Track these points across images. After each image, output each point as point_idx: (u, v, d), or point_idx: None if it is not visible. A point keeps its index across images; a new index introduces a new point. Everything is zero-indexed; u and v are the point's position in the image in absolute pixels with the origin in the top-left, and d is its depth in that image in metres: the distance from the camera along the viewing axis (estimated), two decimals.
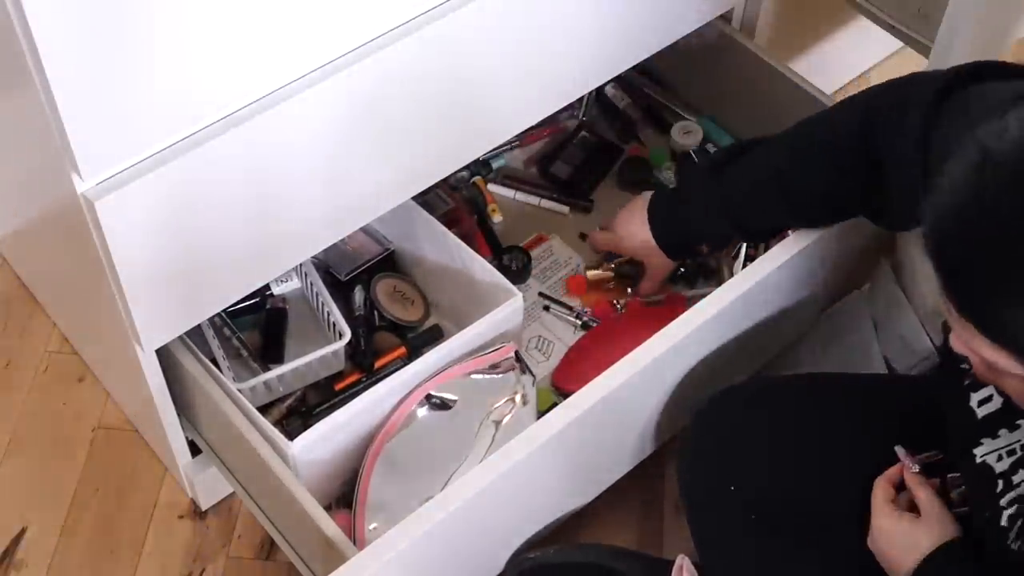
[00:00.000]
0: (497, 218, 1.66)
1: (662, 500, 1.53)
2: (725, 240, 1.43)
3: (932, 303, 1.37)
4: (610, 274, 1.57)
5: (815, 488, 1.19)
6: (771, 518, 1.19)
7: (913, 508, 1.12)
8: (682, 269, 1.57)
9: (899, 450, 1.15)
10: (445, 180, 1.47)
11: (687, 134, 1.71)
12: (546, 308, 1.57)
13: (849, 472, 1.19)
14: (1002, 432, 1.03)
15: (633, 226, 1.44)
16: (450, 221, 1.62)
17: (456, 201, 1.65)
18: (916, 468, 1.13)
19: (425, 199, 1.64)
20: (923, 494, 1.11)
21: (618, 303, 1.56)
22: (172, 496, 1.53)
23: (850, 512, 1.17)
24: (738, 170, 1.31)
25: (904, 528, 1.09)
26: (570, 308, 1.57)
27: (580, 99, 1.78)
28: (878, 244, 1.49)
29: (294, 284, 1.54)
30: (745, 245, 1.51)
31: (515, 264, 1.58)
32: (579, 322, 1.56)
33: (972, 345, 0.88)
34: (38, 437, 1.59)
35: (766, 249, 1.40)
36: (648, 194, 1.45)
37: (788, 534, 1.19)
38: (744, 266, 1.46)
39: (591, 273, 1.58)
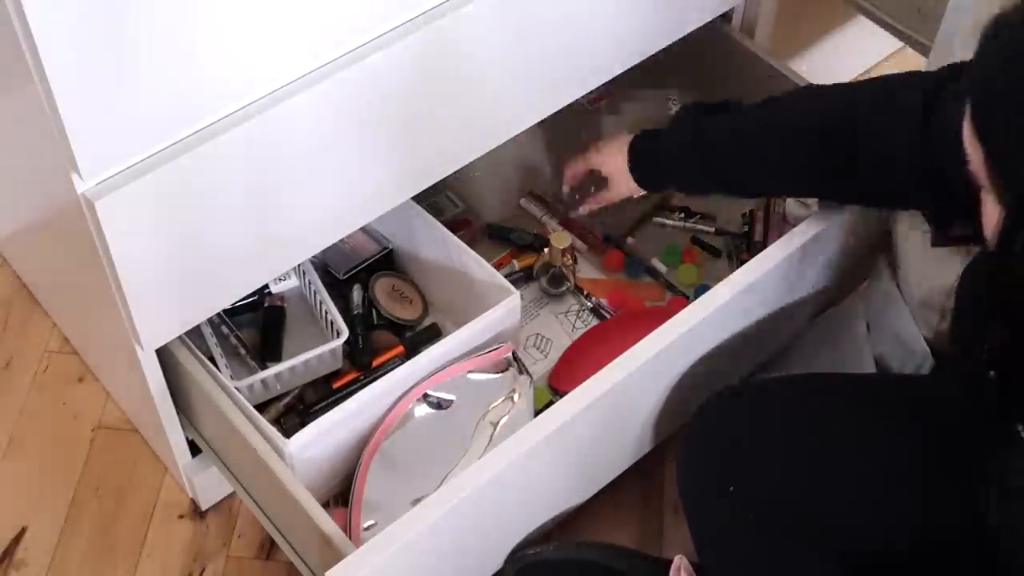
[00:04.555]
0: None
1: (661, 499, 1.54)
2: (690, 183, 1.45)
3: (919, 295, 1.37)
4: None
5: (814, 488, 1.20)
6: (770, 518, 1.19)
7: None
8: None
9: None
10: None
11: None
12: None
13: (847, 472, 1.19)
14: None
15: (611, 148, 1.47)
16: (458, 224, 1.62)
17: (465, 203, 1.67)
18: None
19: (434, 201, 1.65)
20: None
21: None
22: (172, 496, 1.53)
23: (848, 512, 1.17)
24: (725, 119, 1.36)
25: None
26: (587, 295, 1.59)
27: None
28: (876, 244, 1.49)
29: (292, 282, 1.55)
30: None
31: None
32: (589, 304, 1.59)
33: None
34: (38, 437, 1.59)
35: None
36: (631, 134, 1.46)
37: (787, 534, 1.19)
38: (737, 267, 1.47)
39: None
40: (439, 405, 1.35)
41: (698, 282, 1.62)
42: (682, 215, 1.70)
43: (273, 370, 1.40)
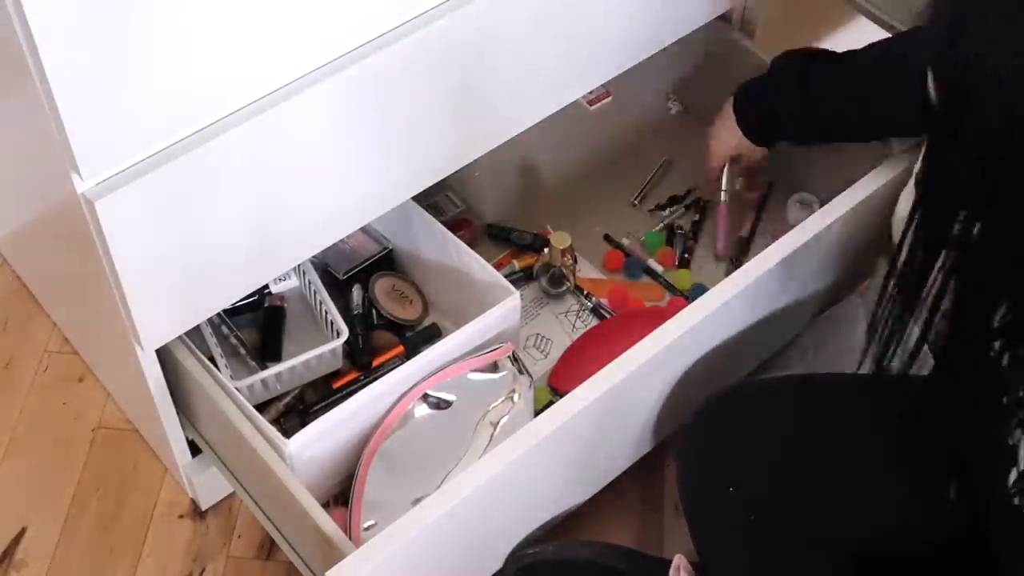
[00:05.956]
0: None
1: (662, 499, 1.54)
2: (801, 134, 1.49)
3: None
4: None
5: (813, 488, 1.20)
6: (769, 519, 1.19)
7: None
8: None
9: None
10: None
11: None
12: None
13: (847, 471, 1.19)
14: None
15: (724, 131, 1.53)
16: (458, 224, 1.62)
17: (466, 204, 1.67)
18: None
19: (434, 201, 1.65)
20: None
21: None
22: (172, 496, 1.53)
23: (848, 511, 1.17)
24: (828, 67, 1.40)
25: None
26: (587, 296, 1.59)
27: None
28: (876, 244, 1.49)
29: (292, 282, 1.55)
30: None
31: None
32: (589, 304, 1.59)
33: None
34: (38, 437, 1.59)
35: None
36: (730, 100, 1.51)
37: (786, 535, 1.19)
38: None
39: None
40: (439, 405, 1.35)
41: (692, 285, 1.62)
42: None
43: (273, 370, 1.40)
